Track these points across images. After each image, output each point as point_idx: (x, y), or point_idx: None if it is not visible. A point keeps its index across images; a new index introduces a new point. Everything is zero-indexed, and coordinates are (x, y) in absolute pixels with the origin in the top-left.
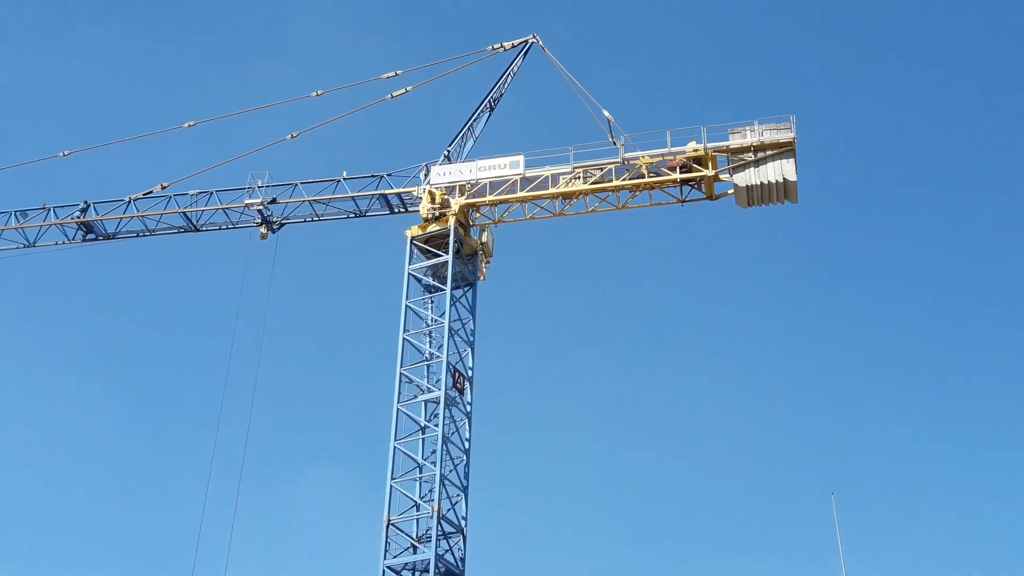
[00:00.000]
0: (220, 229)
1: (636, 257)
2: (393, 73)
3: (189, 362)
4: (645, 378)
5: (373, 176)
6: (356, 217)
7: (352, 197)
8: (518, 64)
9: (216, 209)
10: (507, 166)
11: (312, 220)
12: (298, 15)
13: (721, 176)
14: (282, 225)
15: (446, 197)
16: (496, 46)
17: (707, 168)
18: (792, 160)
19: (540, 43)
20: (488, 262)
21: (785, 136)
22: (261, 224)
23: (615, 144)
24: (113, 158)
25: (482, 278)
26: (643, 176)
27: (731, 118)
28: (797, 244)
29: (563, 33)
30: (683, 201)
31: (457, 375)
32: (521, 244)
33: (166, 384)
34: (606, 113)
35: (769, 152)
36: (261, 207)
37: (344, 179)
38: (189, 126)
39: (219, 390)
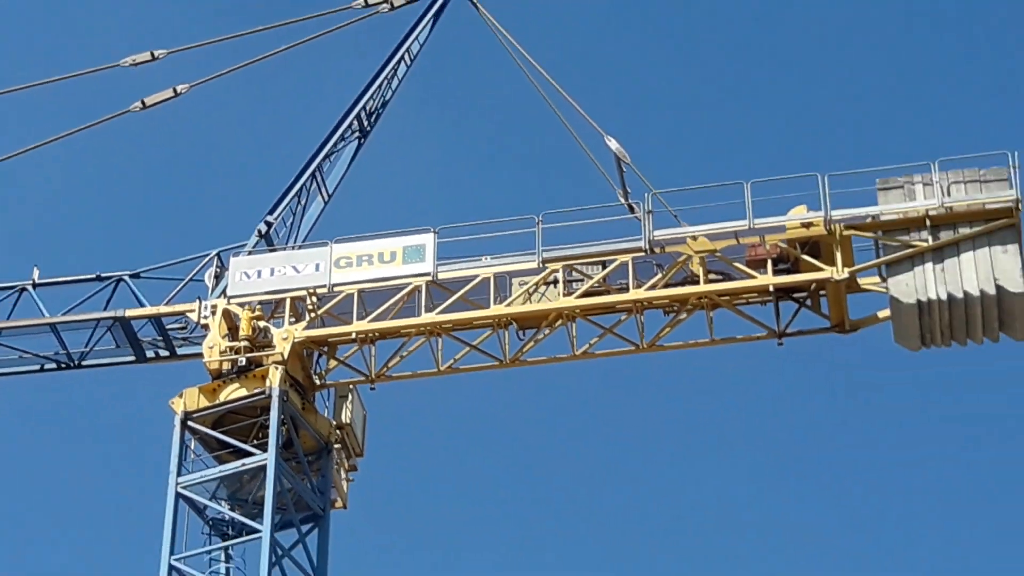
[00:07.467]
0: None
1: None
2: (148, 55)
3: None
4: None
5: (99, 279)
6: (62, 369)
7: (53, 326)
8: (423, 34)
9: None
10: (400, 255)
11: None
12: None
13: (861, 282)
14: None
15: (262, 324)
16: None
17: (831, 263)
18: (1016, 248)
19: None
20: (354, 465)
21: (1002, 196)
22: None
23: (629, 208)
24: None
25: (340, 503)
26: (694, 280)
27: (874, 157)
28: None
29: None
30: (781, 335)
31: None
32: (427, 419)
33: None
34: (612, 143)
35: (966, 230)
36: None
37: (34, 286)
38: None
39: None
